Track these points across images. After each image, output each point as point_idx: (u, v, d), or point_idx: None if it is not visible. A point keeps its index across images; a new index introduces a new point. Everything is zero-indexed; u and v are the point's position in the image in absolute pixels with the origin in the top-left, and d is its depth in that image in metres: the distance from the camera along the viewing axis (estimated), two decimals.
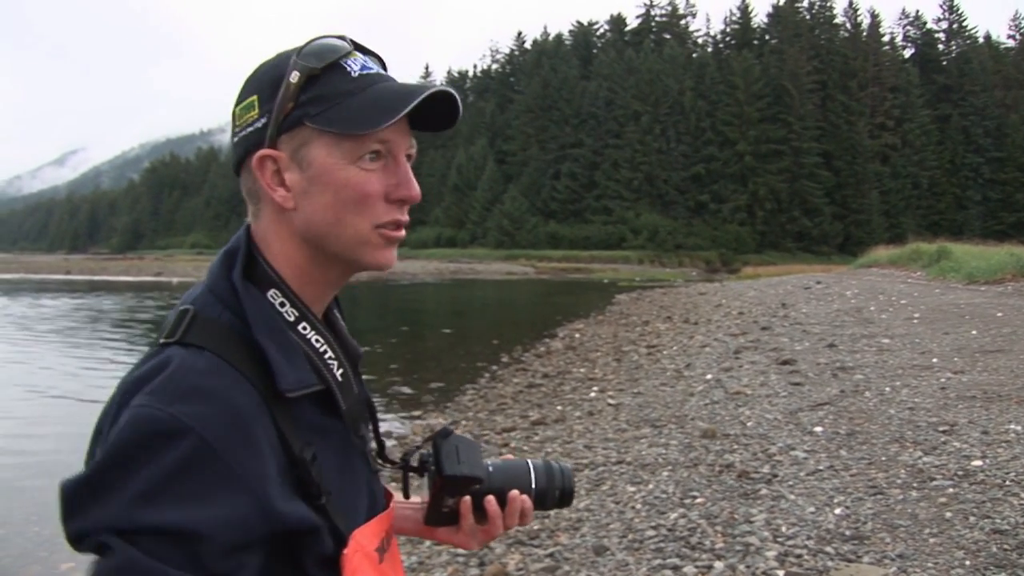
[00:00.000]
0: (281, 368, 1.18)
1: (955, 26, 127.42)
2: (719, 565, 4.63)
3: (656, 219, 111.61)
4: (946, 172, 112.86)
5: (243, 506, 1.08)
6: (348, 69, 1.25)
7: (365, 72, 1.26)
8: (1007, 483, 5.54)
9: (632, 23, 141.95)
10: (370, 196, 1.25)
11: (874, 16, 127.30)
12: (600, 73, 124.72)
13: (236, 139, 1.29)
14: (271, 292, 1.26)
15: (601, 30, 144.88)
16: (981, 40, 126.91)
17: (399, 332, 23.65)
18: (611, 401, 10.90)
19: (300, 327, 1.26)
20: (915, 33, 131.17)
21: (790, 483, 6.06)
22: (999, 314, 15.24)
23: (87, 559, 1.10)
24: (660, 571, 4.66)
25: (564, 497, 1.55)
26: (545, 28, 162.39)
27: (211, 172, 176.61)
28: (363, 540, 1.29)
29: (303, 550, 1.19)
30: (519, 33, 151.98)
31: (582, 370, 14.62)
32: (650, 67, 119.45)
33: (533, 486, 1.51)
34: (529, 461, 1.54)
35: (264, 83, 1.25)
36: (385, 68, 1.34)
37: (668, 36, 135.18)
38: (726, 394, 10.12)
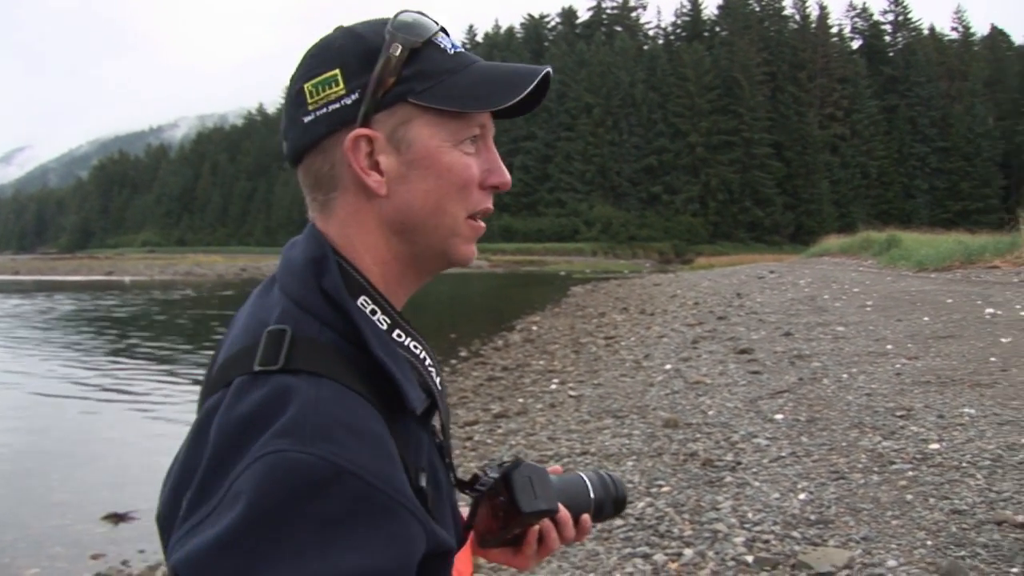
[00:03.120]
0: (405, 386, 1.07)
1: (901, 18, 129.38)
2: (689, 552, 4.69)
3: (609, 211, 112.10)
4: (894, 162, 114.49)
5: (416, 535, 1.00)
6: (443, 46, 1.16)
7: (459, 51, 1.18)
8: (963, 465, 5.66)
9: (583, 16, 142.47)
10: (472, 182, 1.18)
11: (822, 8, 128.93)
12: (551, 66, 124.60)
13: (312, 117, 1.14)
14: (361, 300, 1.13)
15: (552, 23, 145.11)
16: (926, 32, 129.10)
17: None
18: (572, 393, 10.93)
19: (395, 335, 1.14)
20: (862, 25, 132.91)
21: (754, 470, 6.14)
22: (949, 300, 15.48)
23: (50, 565, 1.00)
24: (630, 560, 4.71)
25: (619, 506, 1.54)
26: (496, 21, 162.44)
27: (161, 169, 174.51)
28: (461, 567, 1.20)
29: (431, 572, 1.07)
30: (470, 27, 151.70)
31: (541, 362, 14.66)
32: (601, 59, 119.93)
33: (592, 498, 1.49)
34: (583, 476, 1.51)
35: (349, 55, 1.13)
36: None
37: (619, 28, 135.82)
38: (686, 384, 10.20)
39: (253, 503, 0.91)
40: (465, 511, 1.38)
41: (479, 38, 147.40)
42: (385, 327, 1.13)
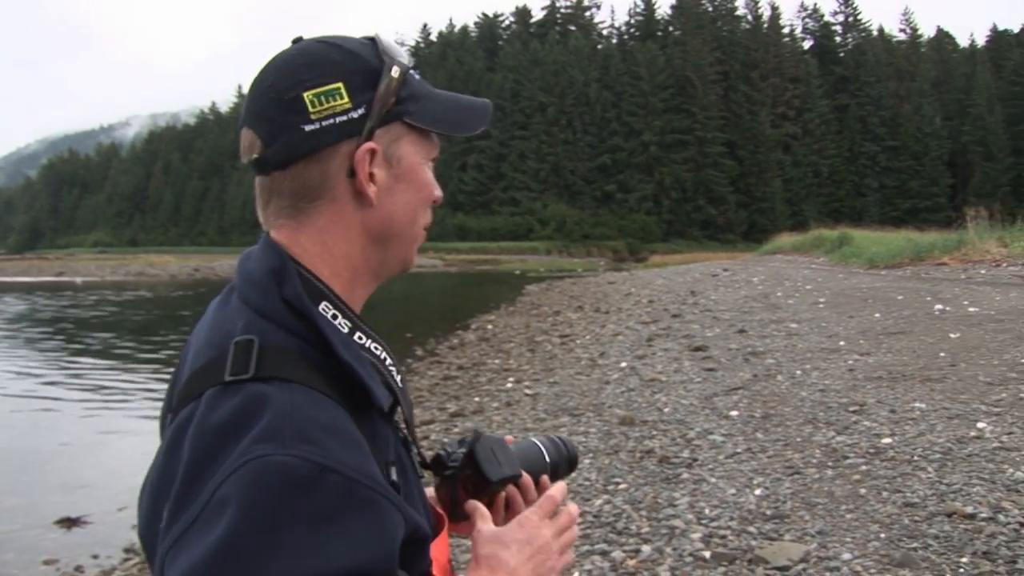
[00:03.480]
0: (371, 386, 1.12)
1: (851, 19, 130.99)
2: (647, 548, 4.70)
3: (563, 209, 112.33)
4: (845, 160, 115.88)
5: (398, 522, 1.05)
6: (415, 72, 1.25)
7: (420, 79, 1.26)
8: (915, 458, 5.74)
9: (537, 15, 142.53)
10: (431, 197, 1.28)
11: (774, 9, 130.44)
12: (506, 65, 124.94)
13: (317, 127, 1.16)
14: (323, 305, 1.16)
15: (506, 22, 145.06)
16: (875, 33, 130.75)
17: None
18: (528, 391, 10.94)
19: (356, 337, 1.18)
20: (813, 25, 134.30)
21: (710, 466, 6.18)
22: (899, 297, 15.69)
23: (3, 570, 1.02)
24: (589, 557, 4.72)
25: (572, 464, 1.65)
26: (451, 20, 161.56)
27: (112, 168, 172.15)
28: (438, 554, 1.25)
29: (411, 564, 1.13)
30: (424, 25, 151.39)
31: (497, 361, 14.66)
32: (555, 59, 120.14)
33: (547, 461, 1.59)
34: (536, 441, 1.61)
35: (351, 72, 1.18)
36: None
37: (573, 28, 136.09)
38: (641, 381, 10.24)
39: (245, 508, 0.95)
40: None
41: (433, 37, 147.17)
42: (346, 330, 1.17)
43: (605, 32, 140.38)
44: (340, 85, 1.16)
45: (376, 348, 1.20)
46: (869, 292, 17.44)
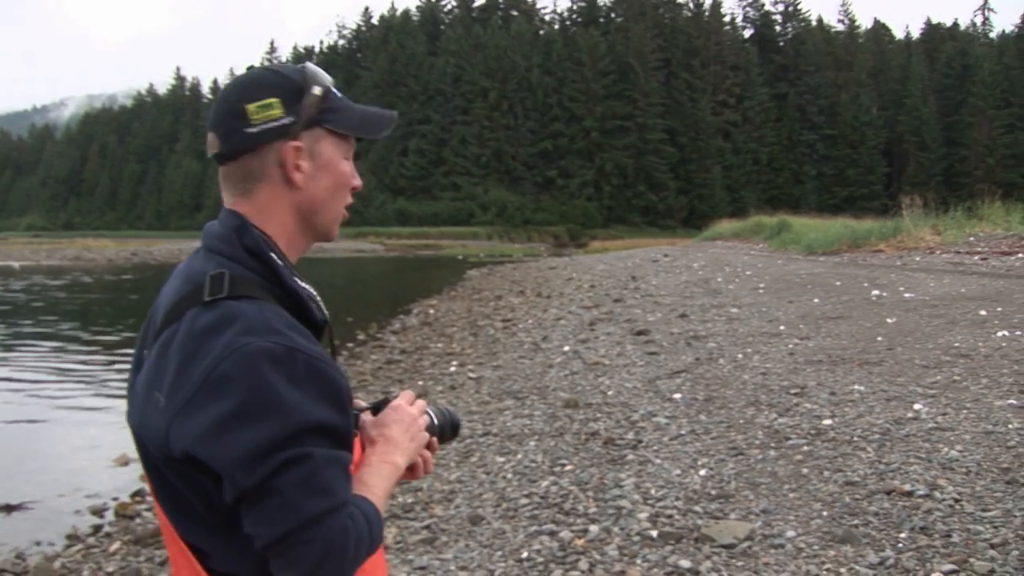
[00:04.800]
0: (311, 305, 1.55)
1: (790, 9, 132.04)
2: (594, 528, 4.75)
3: (504, 195, 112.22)
4: (784, 148, 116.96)
5: (344, 384, 1.45)
6: (334, 91, 1.64)
7: (339, 94, 1.65)
8: (855, 439, 5.86)
9: (479, 0, 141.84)
10: (349, 183, 1.66)
11: None
12: (448, 49, 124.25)
13: (257, 130, 1.54)
14: (271, 254, 1.55)
15: (448, 6, 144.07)
16: (814, 23, 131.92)
17: None
18: (471, 375, 10.96)
19: (295, 279, 1.56)
20: (754, 14, 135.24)
21: (655, 448, 6.25)
22: (838, 283, 15.96)
23: None
24: (537, 537, 4.76)
25: (455, 430, 1.90)
26: (392, 3, 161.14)
27: (47, 150, 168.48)
28: (355, 442, 1.61)
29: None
30: (366, 8, 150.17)
31: (440, 345, 14.65)
32: (497, 43, 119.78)
33: (436, 424, 1.82)
34: (429, 409, 1.83)
35: (283, 90, 1.56)
36: None
37: (515, 13, 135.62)
38: (585, 365, 10.31)
39: (247, 379, 1.34)
40: None
41: (375, 20, 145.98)
42: (287, 275, 1.55)
43: (547, 18, 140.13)
44: (275, 99, 1.55)
45: (308, 286, 1.58)
46: (808, 278, 17.72)
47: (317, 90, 1.59)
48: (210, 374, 1.35)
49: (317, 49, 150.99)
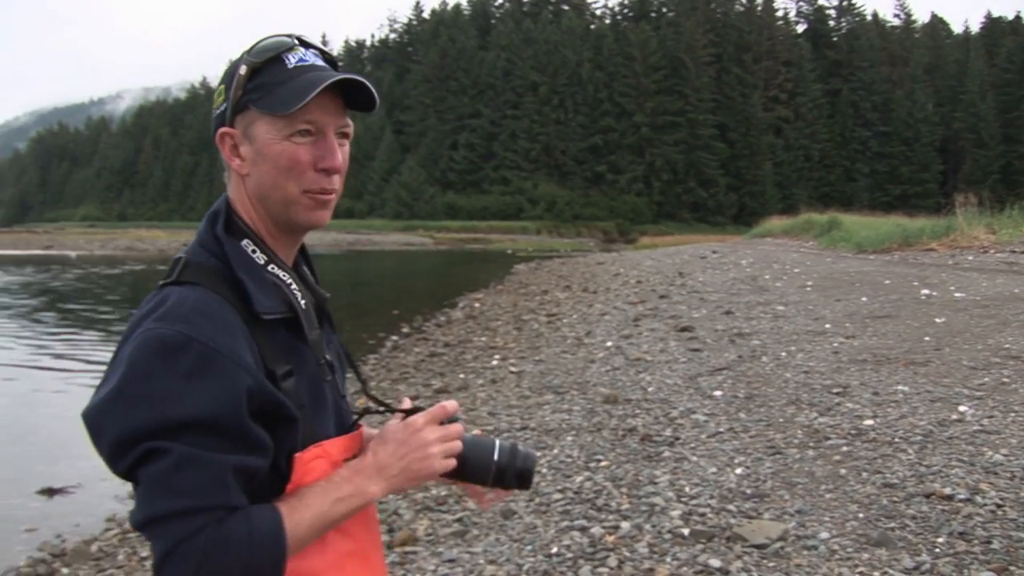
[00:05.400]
0: (256, 296, 1.47)
1: (845, 3, 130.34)
2: (626, 525, 4.71)
3: (554, 189, 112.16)
4: (836, 145, 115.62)
5: (247, 383, 1.36)
6: (286, 62, 1.52)
7: (299, 64, 1.52)
8: (896, 440, 5.75)
9: None
10: (298, 165, 1.51)
11: None
12: (498, 43, 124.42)
13: (212, 117, 1.58)
14: (244, 241, 1.54)
15: (499, 1, 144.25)
16: (869, 18, 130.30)
17: None
18: (513, 369, 10.95)
19: (269, 268, 1.54)
20: (807, 9, 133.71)
21: (692, 445, 6.19)
22: (887, 281, 15.72)
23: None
24: (568, 532, 4.73)
25: (522, 479, 1.65)
26: None
27: (102, 142, 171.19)
28: (332, 450, 1.55)
29: (278, 440, 1.43)
30: (417, 3, 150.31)
31: (483, 339, 14.65)
32: (548, 38, 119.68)
33: (494, 460, 1.62)
34: (497, 441, 1.65)
35: (227, 75, 1.55)
36: (331, 60, 1.61)
37: (566, 7, 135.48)
38: (627, 360, 10.25)
39: (131, 364, 1.34)
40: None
41: (426, 14, 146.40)
42: (262, 262, 1.53)
43: (599, 12, 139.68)
44: (222, 87, 1.56)
45: (284, 276, 1.55)
46: (857, 276, 17.47)
47: (243, 70, 1.52)
48: (115, 356, 1.40)
49: (368, 43, 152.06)
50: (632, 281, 22.70)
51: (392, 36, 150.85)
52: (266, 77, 1.51)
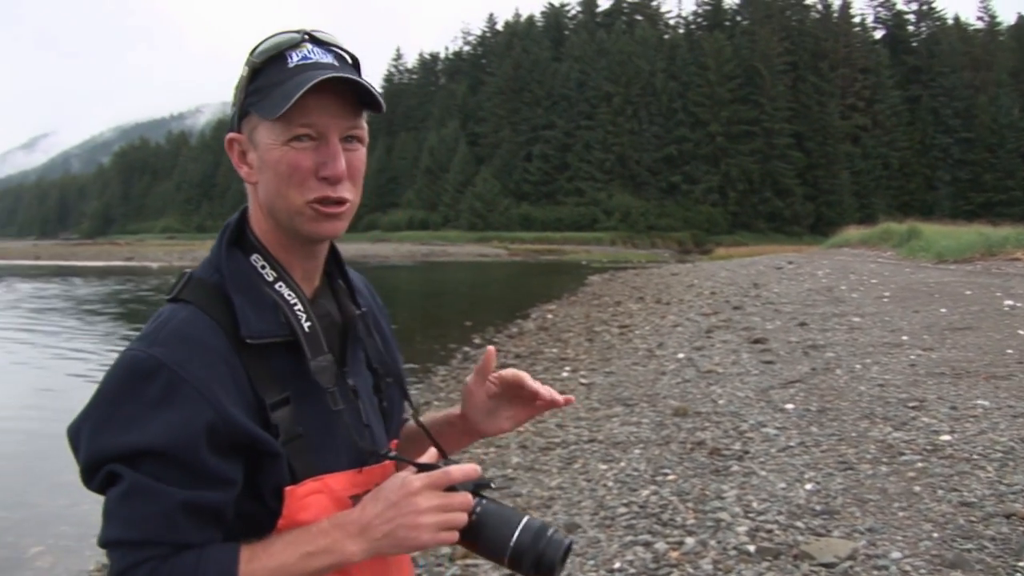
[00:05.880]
0: (247, 319, 1.39)
1: (925, 8, 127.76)
2: (690, 541, 4.63)
3: (628, 200, 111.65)
4: (916, 153, 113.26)
5: (208, 416, 1.29)
6: (287, 60, 1.41)
7: (301, 62, 1.41)
8: (974, 457, 5.58)
9: (604, 4, 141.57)
10: (298, 172, 1.40)
11: None
12: (572, 55, 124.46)
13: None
14: (254, 256, 1.47)
15: (572, 11, 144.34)
16: (950, 22, 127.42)
17: None
18: (583, 380, 10.89)
19: (276, 285, 1.45)
20: (885, 14, 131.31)
21: (761, 459, 6.08)
22: (968, 292, 15.36)
23: (55, 543, 1.19)
24: (632, 547, 4.66)
25: (540, 565, 1.40)
26: (517, 10, 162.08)
27: (182, 156, 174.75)
28: (335, 485, 1.45)
29: (261, 475, 1.37)
30: (491, 15, 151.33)
31: (554, 350, 14.60)
32: (622, 48, 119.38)
33: (512, 542, 1.40)
34: (527, 518, 1.43)
35: (239, 79, 1.46)
36: (347, 58, 1.48)
37: (639, 17, 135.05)
38: (698, 373, 10.14)
39: (104, 385, 1.33)
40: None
41: (499, 26, 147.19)
42: (271, 279, 1.46)
43: (672, 22, 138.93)
44: (235, 90, 1.47)
45: (290, 295, 1.45)
46: (936, 287, 17.11)
47: (244, 71, 1.44)
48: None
49: (442, 55, 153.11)
50: (706, 292, 22.48)
51: (466, 48, 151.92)
52: (265, 78, 1.41)
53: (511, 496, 5.94)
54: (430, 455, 1.50)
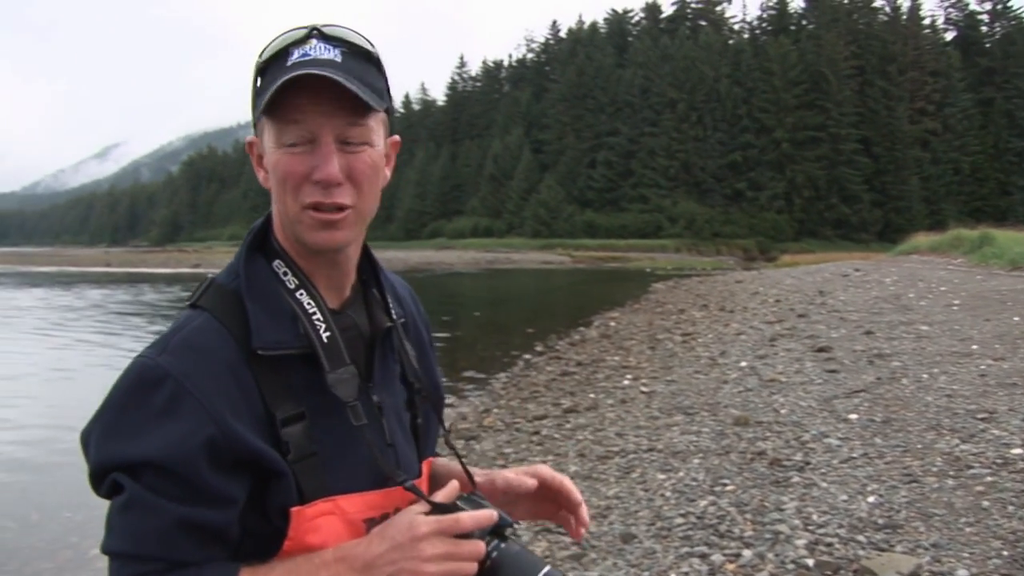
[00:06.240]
0: (260, 328, 1.34)
1: (999, 7, 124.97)
2: (747, 553, 4.54)
3: (693, 207, 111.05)
4: (989, 157, 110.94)
5: (209, 431, 1.24)
6: (287, 59, 1.34)
7: (300, 59, 1.33)
8: None
9: (667, 10, 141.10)
10: (292, 176, 1.34)
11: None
12: (635, 61, 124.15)
13: None
14: (276, 262, 1.42)
15: (636, 18, 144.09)
16: None
17: (436, 321, 23.59)
18: (644, 389, 10.80)
19: (298, 293, 1.39)
20: (957, 15, 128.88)
21: (823, 471, 5.96)
22: None
23: None
24: (687, 559, 4.59)
25: None
26: (580, 17, 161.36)
27: (247, 164, 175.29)
28: (348, 507, 1.36)
29: (267, 493, 1.31)
30: (554, 22, 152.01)
31: (616, 358, 14.51)
32: (686, 54, 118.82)
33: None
34: (547, 567, 1.33)
35: None
36: (361, 51, 1.40)
37: (703, 23, 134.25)
38: (760, 381, 10.00)
39: (113, 391, 1.30)
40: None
41: (563, 34, 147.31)
42: (292, 286, 1.40)
43: (736, 27, 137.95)
44: None
45: (310, 304, 1.39)
46: (1009, 294, 16.74)
47: (254, 72, 1.38)
48: None
49: (506, 63, 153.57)
50: (770, 300, 22.23)
51: (529, 56, 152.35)
52: (266, 79, 1.35)
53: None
54: (449, 490, 1.41)
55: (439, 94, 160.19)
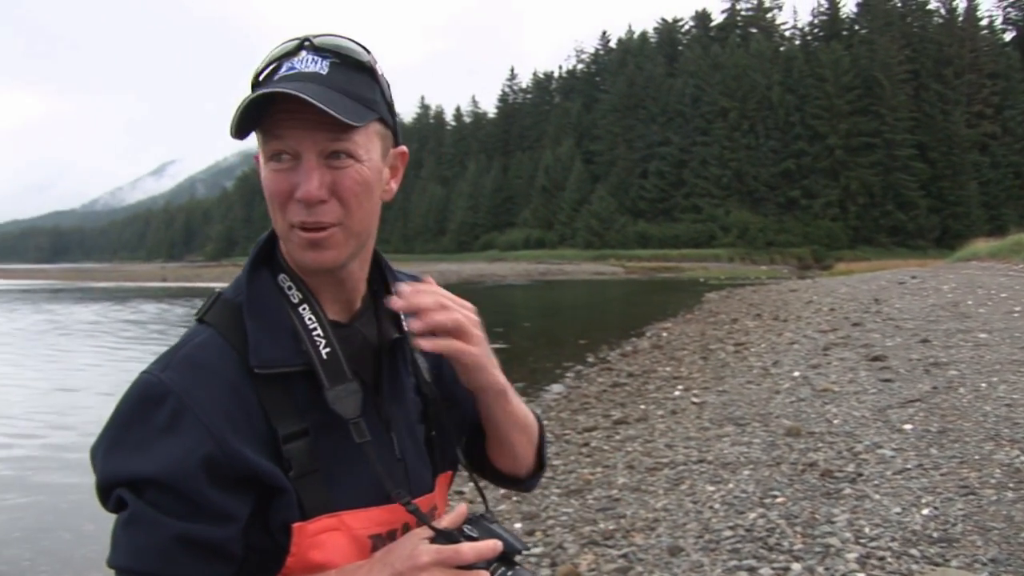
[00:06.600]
0: (259, 346, 1.31)
1: None
2: (797, 567, 4.46)
3: (746, 216, 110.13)
4: None
5: (208, 447, 1.22)
6: (277, 73, 1.32)
7: (287, 72, 1.31)
8: None
9: (717, 18, 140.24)
10: (277, 195, 1.32)
11: (970, 0, 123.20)
12: (686, 70, 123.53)
13: None
14: (281, 276, 1.39)
15: (686, 27, 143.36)
16: None
17: (487, 332, 23.66)
18: (695, 399, 10.71)
19: (300, 308, 1.37)
20: (1016, 15, 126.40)
21: (875, 482, 5.84)
22: None
23: None
24: (735, 572, 4.52)
25: None
26: (630, 27, 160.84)
27: None
28: (353, 523, 1.34)
29: (270, 510, 1.29)
30: (603, 32, 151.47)
31: (667, 369, 14.42)
32: (736, 62, 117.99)
33: None
34: None
35: None
36: (353, 62, 1.35)
37: (754, 30, 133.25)
38: (813, 391, 9.87)
39: (119, 406, 1.28)
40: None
41: (612, 43, 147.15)
42: (296, 300, 1.37)
43: (787, 33, 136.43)
44: None
45: (311, 320, 1.36)
46: None
47: (250, 84, 1.33)
48: None
49: (556, 74, 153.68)
50: (825, 309, 21.97)
51: (579, 67, 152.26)
52: (256, 91, 1.28)
53: (614, 517, 5.83)
54: (455, 516, 1.35)
55: (490, 107, 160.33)
